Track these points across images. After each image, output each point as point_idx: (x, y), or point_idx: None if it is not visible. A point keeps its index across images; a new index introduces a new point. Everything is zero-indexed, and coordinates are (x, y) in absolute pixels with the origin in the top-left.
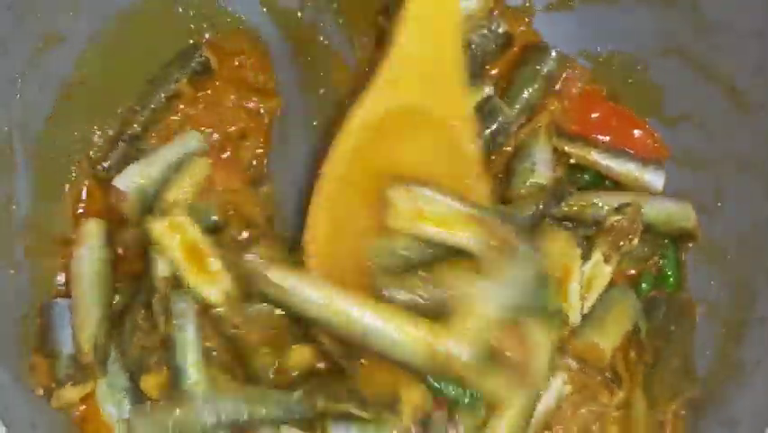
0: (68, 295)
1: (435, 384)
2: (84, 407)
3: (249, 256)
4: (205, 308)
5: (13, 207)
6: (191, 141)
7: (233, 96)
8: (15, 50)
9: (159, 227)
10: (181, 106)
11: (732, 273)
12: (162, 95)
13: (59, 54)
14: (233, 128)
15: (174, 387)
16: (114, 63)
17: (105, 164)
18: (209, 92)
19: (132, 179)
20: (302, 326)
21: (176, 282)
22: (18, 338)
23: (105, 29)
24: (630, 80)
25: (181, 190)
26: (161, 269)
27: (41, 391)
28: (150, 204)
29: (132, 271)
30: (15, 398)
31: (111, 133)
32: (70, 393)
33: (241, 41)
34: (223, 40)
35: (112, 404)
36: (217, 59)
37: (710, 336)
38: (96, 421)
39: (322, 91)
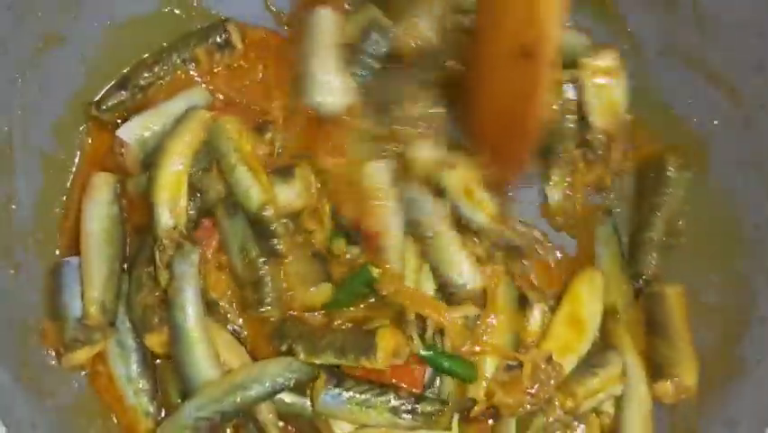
0: (78, 253)
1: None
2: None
3: None
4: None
5: (13, 206)
6: (196, 95)
7: (261, 73)
8: (15, 50)
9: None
10: (193, 73)
11: (732, 273)
12: (177, 58)
13: (59, 54)
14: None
15: (174, 346)
16: (113, 63)
17: (104, 106)
18: (236, 65)
19: (135, 131)
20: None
21: (180, 237)
22: (18, 338)
23: (104, 29)
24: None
25: (182, 141)
26: (165, 220)
27: (53, 355)
28: (152, 156)
29: (136, 224)
30: (16, 398)
31: (116, 79)
32: (79, 356)
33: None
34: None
35: (121, 364)
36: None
37: (710, 336)
38: (107, 377)
39: None
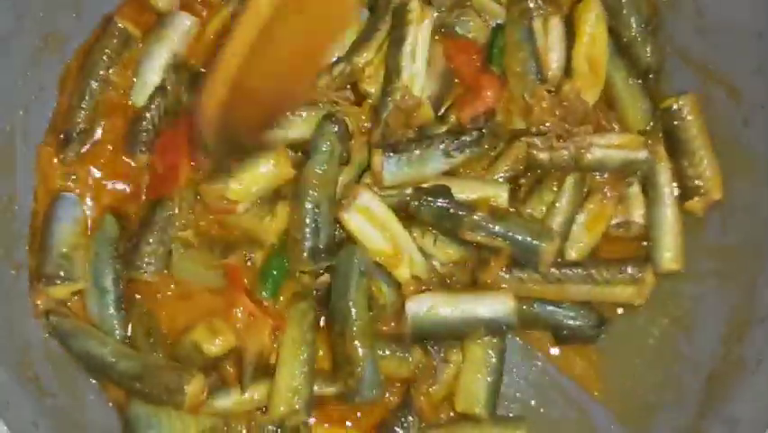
0: None
1: None
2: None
3: None
4: None
5: (15, 206)
6: None
7: None
8: (16, 50)
9: None
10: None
11: (732, 273)
12: (93, 83)
13: (59, 54)
14: None
15: None
16: None
17: (65, 157)
18: None
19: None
20: None
21: None
22: (19, 338)
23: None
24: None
25: None
26: None
27: (39, 307)
28: None
29: None
30: (16, 397)
31: (62, 136)
32: (59, 291)
33: None
34: None
35: (96, 305)
36: (135, 22)
37: (712, 336)
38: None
39: None
